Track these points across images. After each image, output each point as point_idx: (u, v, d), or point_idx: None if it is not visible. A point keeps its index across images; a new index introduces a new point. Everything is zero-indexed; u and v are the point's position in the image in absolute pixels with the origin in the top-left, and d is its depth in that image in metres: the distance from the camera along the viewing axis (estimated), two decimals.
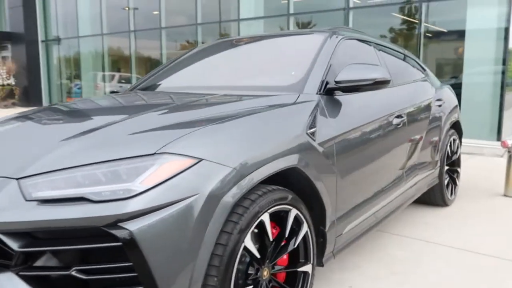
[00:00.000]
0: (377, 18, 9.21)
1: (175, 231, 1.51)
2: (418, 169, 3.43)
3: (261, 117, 2.01)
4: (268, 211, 1.84)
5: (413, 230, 3.45)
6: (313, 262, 2.16)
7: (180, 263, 1.53)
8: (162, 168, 1.55)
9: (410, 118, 3.20)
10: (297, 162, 1.98)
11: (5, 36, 18.44)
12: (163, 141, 1.63)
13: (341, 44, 2.83)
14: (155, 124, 1.84)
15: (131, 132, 1.78)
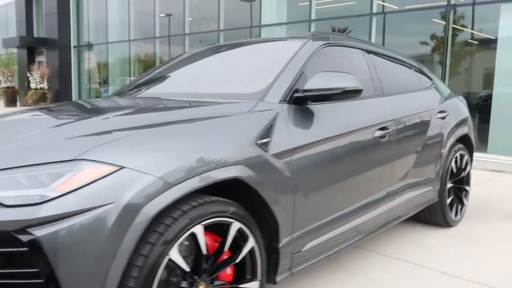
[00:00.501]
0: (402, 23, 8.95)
1: (85, 240, 1.44)
2: (411, 185, 3.23)
3: (203, 125, 1.90)
4: (202, 223, 1.74)
5: (404, 251, 3.24)
6: (261, 279, 2.05)
7: (90, 272, 1.45)
8: (79, 175, 1.48)
9: (400, 131, 3.02)
10: (240, 174, 1.88)
11: (41, 42, 19.21)
12: (85, 147, 1.56)
13: (320, 51, 2.70)
14: (91, 130, 1.77)
15: (66, 137, 1.73)
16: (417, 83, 3.63)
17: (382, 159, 2.84)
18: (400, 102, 3.17)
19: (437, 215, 3.71)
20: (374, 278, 2.79)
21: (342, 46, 2.94)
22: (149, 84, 3.11)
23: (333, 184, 2.45)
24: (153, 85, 3.08)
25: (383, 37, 9.08)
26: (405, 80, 3.49)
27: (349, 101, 2.67)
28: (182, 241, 1.70)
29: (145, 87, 3.05)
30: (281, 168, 2.09)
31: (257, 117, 2.09)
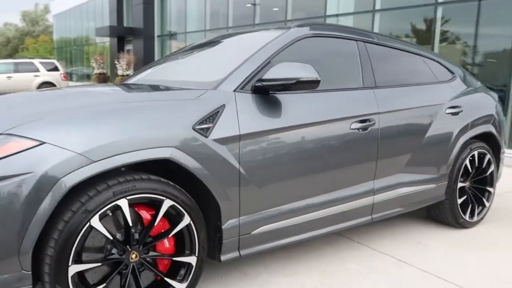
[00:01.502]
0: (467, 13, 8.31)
1: (7, 202, 1.70)
2: (406, 182, 3.13)
3: (142, 108, 2.07)
4: (126, 198, 1.93)
5: (395, 247, 3.15)
6: (198, 255, 2.19)
7: (8, 232, 1.71)
8: (6, 146, 1.74)
9: (387, 124, 2.94)
10: (170, 155, 2.02)
11: (129, 31, 20.72)
12: (15, 124, 1.82)
13: (299, 42, 2.73)
14: (31, 111, 1.98)
15: (4, 116, 1.98)
16: (428, 76, 3.45)
17: (360, 152, 2.79)
18: (393, 95, 3.06)
19: (446, 214, 3.53)
20: (348, 270, 2.78)
21: (329, 37, 2.93)
22: (141, 72, 3.38)
23: (291, 174, 2.48)
24: (141, 73, 3.35)
25: (448, 28, 8.49)
26: (410, 73, 3.34)
27: (322, 92, 2.69)
28: (106, 212, 1.89)
29: (136, 75, 3.33)
30: (223, 154, 2.19)
31: (200, 104, 2.21)
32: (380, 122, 2.89)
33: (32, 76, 16.77)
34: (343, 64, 2.98)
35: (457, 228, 3.60)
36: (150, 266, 2.08)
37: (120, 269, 2.00)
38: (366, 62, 3.02)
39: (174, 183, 2.08)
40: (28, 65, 17.30)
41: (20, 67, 17.07)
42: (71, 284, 1.83)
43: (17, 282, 1.75)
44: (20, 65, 17.29)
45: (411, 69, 3.38)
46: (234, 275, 2.67)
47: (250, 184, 2.31)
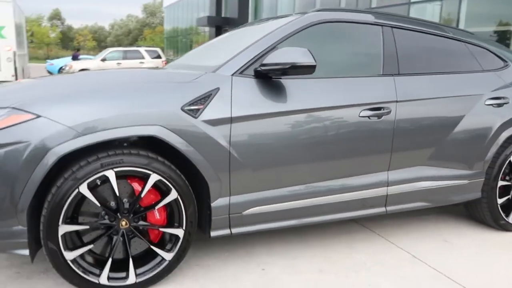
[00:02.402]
0: None
1: (6, 164, 1.99)
2: (430, 176, 2.94)
3: (136, 89, 2.24)
4: (113, 169, 2.13)
5: (416, 243, 3.00)
6: (185, 229, 2.33)
7: (7, 191, 2.01)
8: (8, 118, 2.03)
9: (406, 114, 2.79)
10: (157, 133, 2.18)
11: (226, 21, 21.50)
12: (19, 101, 2.10)
13: (317, 27, 2.72)
14: (36, 89, 2.28)
15: (12, 92, 2.23)
16: (470, 64, 3.17)
17: (370, 141, 2.70)
18: (418, 83, 2.89)
19: (484, 214, 3.25)
20: (351, 259, 2.74)
21: (349, 23, 2.86)
22: (180, 57, 3.59)
23: (286, 159, 2.50)
24: (181, 58, 3.55)
25: None
26: (446, 61, 3.09)
27: (331, 78, 2.66)
28: (95, 181, 2.12)
29: (176, 60, 3.54)
30: (212, 135, 2.30)
31: (193, 86, 2.33)
32: (397, 111, 2.76)
33: (138, 63, 18.35)
34: (360, 51, 2.89)
35: (498, 230, 3.30)
36: (139, 234, 2.27)
37: (110, 233, 2.22)
38: (390, 49, 2.89)
39: (163, 159, 2.24)
40: (135, 53, 19.05)
41: (128, 55, 18.84)
42: (61, 241, 2.09)
43: (15, 236, 2.05)
44: (129, 53, 19.08)
45: (449, 56, 3.14)
46: (238, 253, 2.78)
47: (241, 166, 2.38)
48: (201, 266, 2.60)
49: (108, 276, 2.21)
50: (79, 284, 2.17)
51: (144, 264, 2.31)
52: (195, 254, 2.74)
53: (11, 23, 12.77)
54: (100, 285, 2.20)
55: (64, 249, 2.11)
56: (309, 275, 2.53)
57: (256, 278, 2.48)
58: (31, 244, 2.11)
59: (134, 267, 2.26)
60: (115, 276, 2.24)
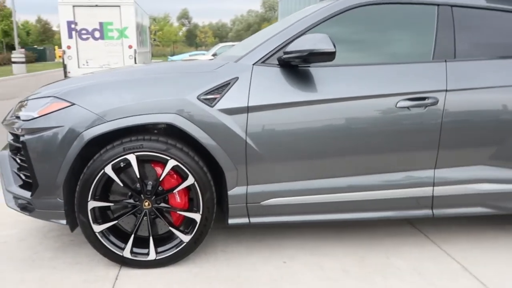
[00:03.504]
0: None
1: (47, 145, 2.31)
2: (493, 177, 2.54)
3: (158, 79, 2.41)
4: (134, 153, 2.32)
5: (476, 254, 2.63)
6: (202, 214, 2.42)
7: (49, 167, 2.33)
8: (50, 106, 2.35)
9: (463, 104, 2.45)
10: (173, 121, 2.29)
11: None
12: (60, 90, 2.40)
13: (355, 11, 2.56)
14: (79, 81, 2.55)
15: (61, 85, 2.54)
16: None
17: (410, 135, 2.45)
18: (480, 69, 2.51)
19: None
20: (383, 262, 2.54)
21: (395, 4, 2.62)
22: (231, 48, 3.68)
23: (309, 151, 2.41)
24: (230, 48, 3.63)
25: None
26: None
27: (366, 66, 2.51)
28: (119, 163, 2.33)
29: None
30: (228, 124, 2.34)
31: (212, 76, 2.39)
32: (446, 102, 2.45)
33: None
34: (407, 35, 2.62)
35: None
36: (160, 215, 2.44)
37: (134, 212, 2.43)
38: (447, 31, 2.57)
39: (182, 146, 2.36)
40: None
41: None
42: (90, 215, 2.36)
43: (55, 207, 2.38)
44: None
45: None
46: (268, 243, 2.78)
47: (259, 156, 2.38)
48: (226, 252, 2.67)
49: (132, 250, 2.43)
50: (106, 254, 2.43)
51: (165, 243, 2.47)
52: (225, 240, 2.83)
53: (133, 23, 14.32)
54: (124, 258, 2.42)
55: (93, 222, 2.38)
56: (330, 274, 2.42)
57: (273, 270, 2.46)
58: (69, 215, 2.42)
59: (155, 246, 2.44)
60: (138, 252, 2.44)
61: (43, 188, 2.36)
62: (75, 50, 14.16)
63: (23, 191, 2.48)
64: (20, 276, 2.39)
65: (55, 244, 2.80)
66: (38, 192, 2.37)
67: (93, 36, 14.31)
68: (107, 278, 2.36)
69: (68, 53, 14.22)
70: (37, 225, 3.07)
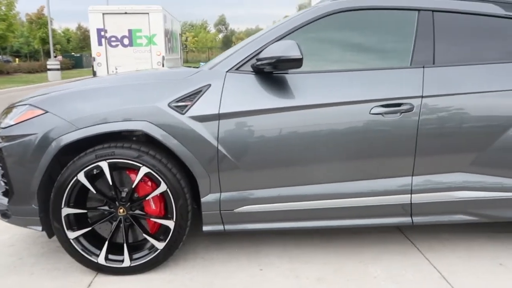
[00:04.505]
0: None
1: (21, 153, 2.36)
2: (474, 185, 2.47)
3: (127, 88, 2.45)
4: (106, 160, 2.34)
5: (460, 262, 2.56)
6: (176, 221, 2.42)
7: (23, 174, 2.37)
8: (26, 114, 2.40)
9: (440, 110, 2.39)
10: (143, 128, 2.31)
11: None
12: (36, 99, 2.46)
13: (334, 17, 2.53)
14: (55, 90, 2.60)
15: (40, 93, 2.60)
16: None
17: (385, 141, 2.40)
18: (458, 75, 2.45)
19: None
20: (361, 271, 2.49)
21: (375, 10, 2.58)
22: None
23: (283, 158, 2.39)
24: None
25: None
26: (505, 47, 2.55)
27: (340, 72, 2.49)
28: (91, 170, 2.36)
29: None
30: (200, 131, 2.34)
31: (184, 83, 2.40)
32: (422, 108, 2.40)
33: None
34: (385, 41, 2.58)
35: None
36: (135, 222, 2.45)
37: (109, 219, 2.45)
38: (426, 36, 2.51)
39: (154, 153, 2.37)
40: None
41: None
42: (64, 222, 2.39)
43: (30, 214, 2.42)
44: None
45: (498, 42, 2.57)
46: (247, 250, 2.77)
47: (231, 163, 2.37)
48: (205, 259, 2.67)
49: (107, 257, 2.44)
50: (81, 261, 2.45)
51: (140, 250, 2.49)
52: (207, 246, 2.82)
53: (161, 30, 14.51)
54: (99, 264, 2.44)
55: (67, 229, 2.41)
56: (304, 282, 2.39)
57: (248, 278, 2.44)
58: (44, 222, 2.46)
59: (131, 252, 2.45)
60: (113, 258, 2.46)
61: (18, 195, 2.41)
62: (105, 57, 14.46)
63: (3, 198, 2.53)
64: None
65: (42, 250, 2.85)
66: (13, 199, 2.42)
67: (122, 43, 14.61)
68: (81, 285, 2.38)
69: (98, 60, 14.54)
70: (28, 231, 3.12)
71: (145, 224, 2.51)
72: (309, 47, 2.54)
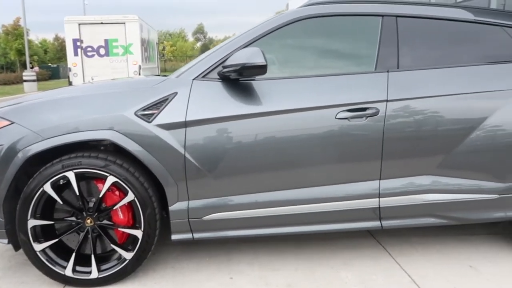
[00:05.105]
0: None
1: None
2: (441, 187, 2.50)
3: (93, 97, 2.44)
4: (73, 171, 2.31)
5: (431, 266, 2.59)
6: (144, 230, 2.40)
7: None
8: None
9: (406, 114, 2.43)
10: (110, 137, 2.30)
11: None
12: (6, 108, 2.43)
13: (302, 23, 2.56)
14: (26, 100, 2.56)
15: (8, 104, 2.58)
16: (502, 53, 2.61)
17: (351, 146, 2.42)
18: (423, 79, 2.49)
19: None
20: (333, 276, 2.49)
21: (341, 16, 2.63)
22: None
23: (249, 165, 2.40)
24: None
25: None
26: (474, 50, 2.60)
27: (306, 78, 2.52)
28: (58, 180, 2.33)
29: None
30: (167, 139, 2.33)
31: (151, 92, 2.40)
32: (388, 112, 2.43)
33: None
34: (351, 46, 2.63)
35: None
36: (102, 233, 2.42)
37: (77, 230, 2.41)
38: (390, 41, 2.56)
39: (121, 162, 2.36)
40: None
41: None
42: (30, 233, 2.35)
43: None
44: None
45: (475, 46, 2.64)
46: (219, 259, 2.74)
47: (198, 170, 2.37)
48: (175, 268, 2.64)
49: (75, 269, 2.40)
50: (48, 273, 2.41)
51: (108, 261, 2.45)
52: (178, 256, 2.79)
53: (137, 40, 14.52)
54: (66, 276, 2.40)
55: (34, 241, 2.36)
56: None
57: (217, 287, 2.42)
58: (11, 234, 2.41)
59: (98, 263, 2.41)
60: (80, 270, 2.42)
61: None
62: (81, 67, 14.38)
63: None
64: None
65: (8, 263, 2.79)
66: None
67: (98, 53, 14.54)
68: None
69: (74, 71, 14.45)
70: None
71: (113, 234, 2.48)
72: (275, 53, 2.57)
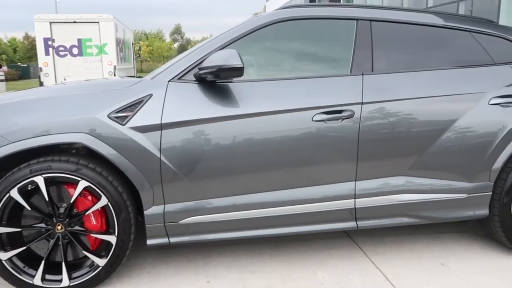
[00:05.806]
0: None
1: None
2: (414, 188, 2.54)
3: (63, 99, 2.35)
4: (42, 175, 2.22)
5: (404, 264, 2.62)
6: (118, 236, 2.33)
7: None
8: None
9: (380, 116, 2.46)
10: (82, 140, 2.22)
11: None
12: None
13: (275, 26, 2.56)
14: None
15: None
16: (476, 56, 2.67)
17: (327, 148, 2.44)
18: (396, 82, 2.53)
19: (498, 234, 2.73)
20: (310, 277, 2.50)
21: (314, 19, 2.64)
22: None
23: (225, 167, 2.37)
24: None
25: None
26: (444, 54, 2.66)
27: (282, 80, 2.51)
28: (25, 186, 2.23)
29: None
30: (141, 142, 2.27)
31: (125, 94, 2.33)
32: (363, 114, 2.45)
33: None
34: (326, 49, 2.65)
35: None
36: (74, 239, 2.33)
37: (46, 237, 2.32)
38: (364, 45, 2.59)
39: (94, 166, 2.28)
40: None
41: None
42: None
43: None
44: None
45: (448, 49, 2.70)
46: (196, 263, 2.70)
47: (175, 174, 2.32)
48: (151, 274, 2.58)
49: (44, 277, 2.31)
50: (14, 283, 2.30)
51: (80, 268, 2.37)
52: (154, 261, 2.73)
53: (112, 40, 14.17)
54: (34, 286, 2.30)
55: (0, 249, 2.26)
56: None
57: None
58: None
59: (69, 271, 2.33)
60: (50, 278, 2.33)
61: None
62: (52, 67, 13.86)
63: None
64: None
65: None
66: None
67: (71, 52, 14.07)
68: None
69: (45, 70, 13.92)
70: None
71: (85, 240, 2.40)
72: (252, 56, 2.56)
